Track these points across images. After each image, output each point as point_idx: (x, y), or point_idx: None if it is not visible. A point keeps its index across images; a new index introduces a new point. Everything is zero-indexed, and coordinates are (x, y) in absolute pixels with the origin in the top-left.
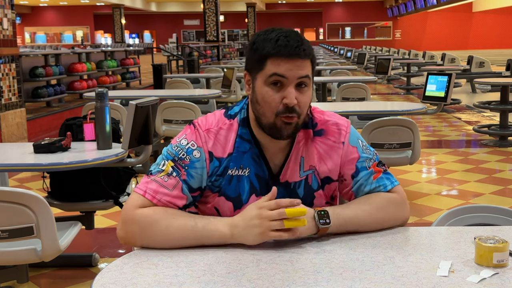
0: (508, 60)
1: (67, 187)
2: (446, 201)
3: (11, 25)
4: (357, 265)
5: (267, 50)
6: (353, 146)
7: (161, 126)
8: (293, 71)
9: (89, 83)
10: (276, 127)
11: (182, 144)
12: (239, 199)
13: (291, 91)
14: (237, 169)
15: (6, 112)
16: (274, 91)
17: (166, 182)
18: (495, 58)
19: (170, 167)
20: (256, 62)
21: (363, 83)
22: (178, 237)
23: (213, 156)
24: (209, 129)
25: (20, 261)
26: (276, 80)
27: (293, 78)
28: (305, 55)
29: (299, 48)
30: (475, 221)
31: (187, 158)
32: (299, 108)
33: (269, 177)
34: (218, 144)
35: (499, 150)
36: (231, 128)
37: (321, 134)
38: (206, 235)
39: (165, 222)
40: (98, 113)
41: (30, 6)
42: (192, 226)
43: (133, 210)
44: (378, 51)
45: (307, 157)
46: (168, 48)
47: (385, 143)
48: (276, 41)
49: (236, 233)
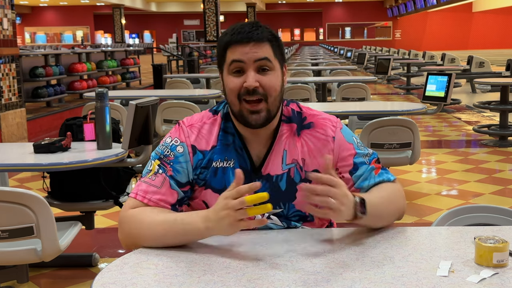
0: (508, 60)
1: (67, 187)
2: (446, 201)
3: (11, 25)
4: (357, 265)
5: (225, 39)
6: (349, 143)
7: (161, 126)
8: (248, 54)
9: (89, 83)
10: (243, 116)
11: (166, 143)
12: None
13: (250, 74)
14: (221, 161)
15: (6, 112)
16: (236, 77)
17: (154, 180)
18: (495, 58)
19: (156, 166)
20: (220, 55)
21: (363, 83)
22: (160, 232)
23: (196, 149)
24: (192, 125)
25: (20, 261)
26: (237, 67)
27: (249, 61)
28: (260, 38)
29: (252, 32)
30: (475, 221)
31: (171, 154)
32: (263, 90)
33: (251, 169)
34: (201, 137)
35: (499, 150)
36: (215, 123)
37: (309, 126)
38: (184, 229)
39: (149, 219)
40: (98, 113)
41: (30, 6)
42: (173, 221)
43: (124, 212)
44: (378, 51)
45: (289, 151)
46: (168, 48)
47: (385, 143)
48: (232, 30)
49: (210, 226)
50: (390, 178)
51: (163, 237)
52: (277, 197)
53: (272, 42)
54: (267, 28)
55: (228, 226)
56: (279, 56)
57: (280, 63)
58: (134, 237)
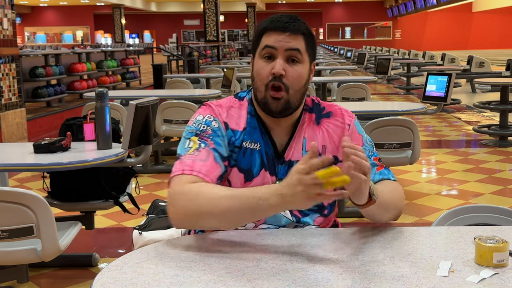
0: (508, 60)
1: (67, 187)
2: (446, 201)
3: (11, 25)
4: (357, 265)
5: (263, 25)
6: (359, 134)
7: (161, 126)
8: (281, 42)
9: (89, 83)
10: (267, 103)
11: (198, 120)
12: (250, 172)
13: (279, 61)
14: (250, 143)
15: (6, 112)
16: (266, 63)
17: (198, 155)
18: (495, 58)
19: (196, 141)
20: (255, 41)
21: (363, 83)
22: (226, 206)
23: (229, 126)
24: (220, 105)
25: (20, 261)
26: (268, 53)
27: (281, 49)
28: (296, 30)
29: (289, 23)
30: (475, 221)
31: (208, 128)
32: (287, 81)
33: (274, 154)
34: (231, 118)
35: (499, 150)
36: (241, 107)
37: (329, 116)
38: (255, 204)
39: (211, 193)
40: (98, 113)
41: (30, 6)
42: (239, 195)
43: (177, 187)
44: (378, 51)
45: (309, 138)
46: (168, 48)
47: (385, 143)
48: (271, 18)
49: (286, 201)
50: (391, 178)
51: (228, 212)
52: None
53: (306, 36)
54: (304, 23)
55: (305, 200)
56: (310, 51)
57: (310, 59)
58: (193, 213)
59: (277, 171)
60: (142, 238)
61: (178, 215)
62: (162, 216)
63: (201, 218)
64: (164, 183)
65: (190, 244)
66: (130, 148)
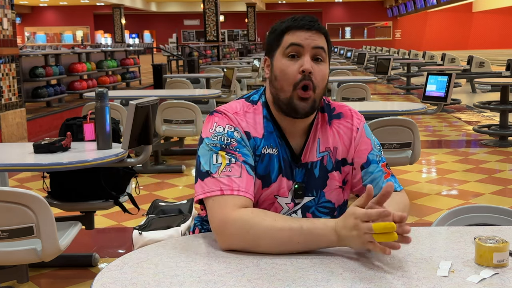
0: (508, 60)
1: (67, 187)
2: (446, 201)
3: (11, 25)
4: (357, 265)
5: (285, 25)
6: (368, 138)
7: (161, 126)
8: (308, 40)
9: (89, 83)
10: (293, 103)
11: (219, 132)
12: (268, 177)
13: (307, 59)
14: (268, 148)
15: (6, 112)
16: (292, 61)
17: (231, 172)
18: (495, 58)
19: (225, 155)
20: (275, 39)
21: (363, 83)
22: (284, 239)
23: (250, 135)
24: (236, 112)
25: (20, 261)
26: (293, 52)
27: (308, 46)
28: (320, 29)
29: (313, 22)
30: (475, 221)
31: (232, 140)
32: (315, 80)
33: (291, 158)
34: (250, 125)
35: (499, 150)
36: (256, 112)
37: (339, 117)
38: (315, 240)
39: (267, 223)
40: (98, 113)
41: (30, 6)
42: (299, 228)
43: (229, 212)
44: (378, 51)
45: (322, 139)
46: (168, 48)
47: (385, 143)
48: (293, 18)
49: (342, 240)
50: (397, 188)
51: (286, 243)
52: (311, 184)
53: (327, 37)
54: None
55: (359, 244)
56: (329, 52)
57: (329, 59)
58: (250, 244)
59: (294, 174)
60: (142, 238)
61: (232, 244)
62: (162, 216)
63: (256, 248)
64: (164, 183)
65: (190, 244)
66: (130, 148)
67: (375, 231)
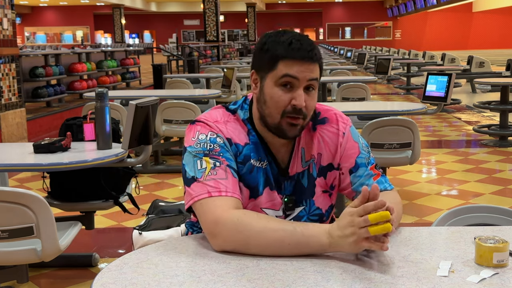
0: (508, 60)
1: (67, 187)
2: (446, 201)
3: (11, 25)
4: (357, 265)
5: (280, 52)
6: (355, 142)
7: (161, 126)
8: (304, 73)
9: (89, 83)
10: (281, 128)
11: (202, 139)
12: (256, 189)
13: (301, 93)
14: (256, 160)
15: (6, 112)
16: (284, 91)
17: (216, 174)
18: (495, 58)
19: (210, 161)
20: (267, 62)
21: (363, 83)
22: (276, 240)
23: (232, 141)
24: (217, 121)
25: (20, 261)
26: (287, 82)
27: (303, 80)
28: (316, 59)
29: (311, 52)
30: (475, 221)
31: (216, 146)
32: (306, 111)
33: (279, 171)
34: (232, 133)
35: (499, 150)
36: (237, 122)
37: (324, 122)
38: (305, 242)
39: (260, 225)
40: (98, 113)
41: (30, 6)
42: (292, 230)
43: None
44: (378, 51)
45: (307, 148)
46: (168, 48)
47: (385, 143)
48: (289, 44)
49: (333, 242)
50: (388, 188)
51: (277, 245)
52: (300, 194)
53: (320, 63)
54: (317, 47)
55: (353, 244)
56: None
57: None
58: (242, 244)
59: (283, 187)
60: (142, 238)
61: (225, 245)
62: (162, 216)
63: (248, 249)
64: (164, 183)
65: (190, 244)
66: (130, 148)
67: (371, 221)
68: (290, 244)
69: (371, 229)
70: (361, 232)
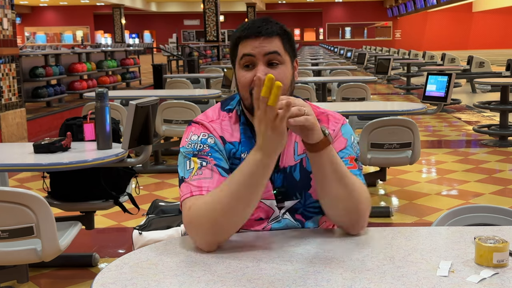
0: (508, 60)
1: (67, 187)
2: (446, 201)
3: (11, 25)
4: (357, 265)
5: (237, 35)
6: (344, 138)
7: (161, 126)
8: (258, 48)
9: (89, 83)
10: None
11: (193, 140)
12: None
13: (260, 68)
14: (247, 154)
15: (6, 112)
16: (246, 71)
17: (202, 174)
18: (495, 58)
19: (197, 161)
20: (232, 50)
21: (363, 83)
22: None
23: (225, 140)
24: (212, 120)
25: (20, 261)
26: (247, 62)
27: (259, 55)
28: (270, 33)
29: (262, 27)
30: (475, 221)
31: (205, 146)
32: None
33: None
34: (225, 131)
35: (499, 150)
36: (232, 119)
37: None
38: (248, 173)
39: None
40: (98, 113)
41: (30, 6)
42: (231, 177)
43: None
44: (378, 51)
45: (300, 142)
46: (168, 48)
47: (385, 143)
48: (243, 26)
49: (263, 149)
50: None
51: (235, 198)
52: (293, 188)
53: (282, 37)
54: (278, 23)
55: (273, 133)
56: (290, 50)
57: (291, 58)
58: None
59: (274, 179)
60: (142, 238)
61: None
62: (162, 216)
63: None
64: (164, 183)
65: (190, 244)
66: (130, 148)
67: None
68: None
69: (269, 102)
70: (268, 118)
